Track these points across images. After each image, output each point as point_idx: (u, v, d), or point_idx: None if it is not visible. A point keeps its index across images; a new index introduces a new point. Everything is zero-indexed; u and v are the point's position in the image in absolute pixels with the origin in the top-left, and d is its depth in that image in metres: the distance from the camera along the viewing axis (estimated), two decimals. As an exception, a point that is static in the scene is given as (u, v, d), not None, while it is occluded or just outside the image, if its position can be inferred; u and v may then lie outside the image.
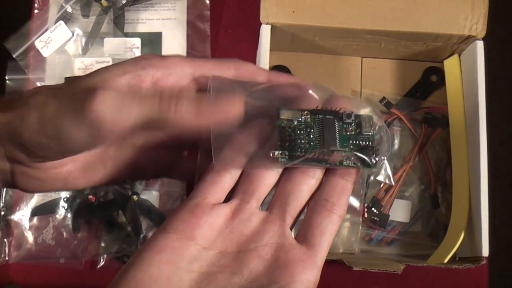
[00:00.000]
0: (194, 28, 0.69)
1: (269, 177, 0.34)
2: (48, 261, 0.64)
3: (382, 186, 0.63)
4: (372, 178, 0.63)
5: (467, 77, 0.61)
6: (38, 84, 0.66)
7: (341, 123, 0.35)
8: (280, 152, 0.34)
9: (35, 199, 0.65)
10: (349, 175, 0.35)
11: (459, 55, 0.63)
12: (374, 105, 0.38)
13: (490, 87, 0.59)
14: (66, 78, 0.65)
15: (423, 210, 0.63)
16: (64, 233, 0.64)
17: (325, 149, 0.34)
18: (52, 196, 0.65)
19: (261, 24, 0.57)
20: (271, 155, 0.34)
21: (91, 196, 0.62)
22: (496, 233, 0.58)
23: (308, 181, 0.35)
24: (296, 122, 0.35)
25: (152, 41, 0.68)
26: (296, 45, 0.64)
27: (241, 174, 0.35)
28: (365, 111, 0.37)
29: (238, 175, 0.34)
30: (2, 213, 0.64)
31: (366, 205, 0.62)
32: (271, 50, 0.57)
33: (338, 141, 0.35)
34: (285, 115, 0.35)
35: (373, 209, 0.62)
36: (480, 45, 0.58)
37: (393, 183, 0.61)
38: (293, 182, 0.34)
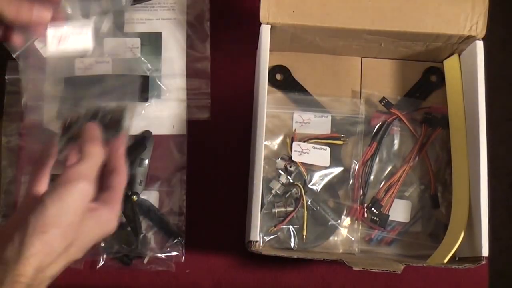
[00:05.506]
0: (194, 28, 0.69)
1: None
2: (48, 261, 0.64)
3: (382, 186, 0.63)
4: (372, 178, 0.63)
5: (467, 77, 0.61)
6: (38, 84, 0.66)
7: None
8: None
9: (35, 199, 0.65)
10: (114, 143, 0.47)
11: (459, 55, 0.63)
12: None
13: (490, 87, 0.59)
14: (66, 79, 0.65)
15: (423, 210, 0.63)
16: (64, 233, 0.64)
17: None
18: (52, 196, 0.64)
19: (261, 24, 0.58)
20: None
21: (91, 196, 0.62)
22: (496, 233, 0.58)
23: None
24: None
25: (151, 41, 0.68)
26: (296, 45, 0.64)
27: None
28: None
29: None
30: (2, 213, 0.64)
31: (366, 205, 0.62)
32: (271, 50, 0.57)
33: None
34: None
35: (373, 209, 0.62)
36: (480, 45, 0.58)
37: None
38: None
